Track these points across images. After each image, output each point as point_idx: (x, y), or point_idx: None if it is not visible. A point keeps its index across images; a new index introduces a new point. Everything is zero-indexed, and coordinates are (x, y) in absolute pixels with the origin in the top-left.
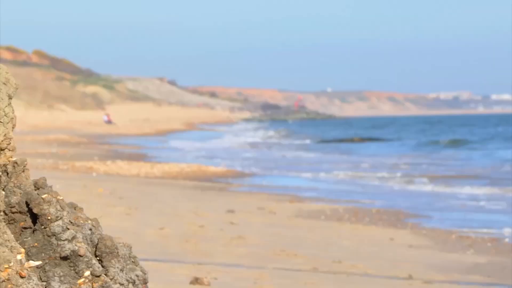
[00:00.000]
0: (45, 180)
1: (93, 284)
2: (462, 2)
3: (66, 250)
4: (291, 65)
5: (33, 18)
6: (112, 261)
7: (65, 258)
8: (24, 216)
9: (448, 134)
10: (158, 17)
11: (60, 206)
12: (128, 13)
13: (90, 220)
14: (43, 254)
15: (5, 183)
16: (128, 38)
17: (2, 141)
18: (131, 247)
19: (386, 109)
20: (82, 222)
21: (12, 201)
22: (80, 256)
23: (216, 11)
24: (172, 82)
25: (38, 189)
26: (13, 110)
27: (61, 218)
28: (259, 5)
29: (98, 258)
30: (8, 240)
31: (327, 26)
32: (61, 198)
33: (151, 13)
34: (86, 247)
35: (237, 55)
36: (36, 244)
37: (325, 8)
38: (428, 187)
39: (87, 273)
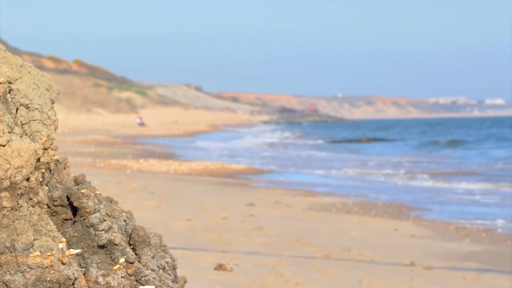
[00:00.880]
0: (84, 176)
1: (127, 270)
2: (457, 17)
3: (103, 240)
4: (305, 73)
5: (73, 30)
6: (145, 249)
7: (102, 247)
8: (65, 209)
9: (446, 135)
10: (186, 29)
11: (98, 200)
12: (158, 26)
13: (125, 212)
14: (82, 243)
15: (48, 179)
16: (159, 48)
17: (45, 141)
18: (161, 237)
19: (391, 113)
20: (117, 214)
21: (54, 195)
22: (116, 244)
23: (238, 23)
24: (198, 88)
25: (78, 184)
26: (55, 113)
27: (98, 210)
28: (276, 19)
29: (131, 246)
30: (51, 231)
31: (337, 37)
32: (98, 192)
33: (180, 25)
34: (121, 237)
35: (257, 64)
36: (76, 234)
37: (335, 21)
38: (429, 183)
39: (121, 260)
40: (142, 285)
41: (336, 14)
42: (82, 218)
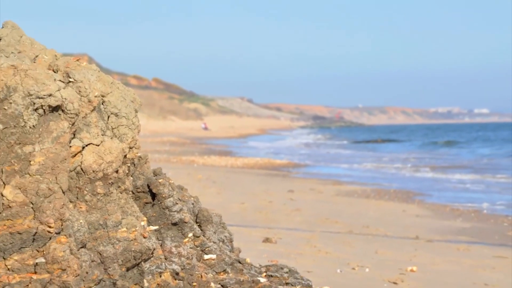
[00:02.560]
0: (161, 169)
1: (194, 242)
2: (452, 43)
3: (175, 218)
4: (334, 88)
5: (153, 54)
6: (208, 226)
7: (174, 224)
8: (146, 195)
9: (443, 137)
10: (240, 51)
11: (171, 187)
12: (218, 50)
13: (192, 197)
14: (159, 221)
15: (133, 171)
16: (219, 68)
17: (130, 142)
18: (221, 216)
19: (400, 119)
20: (186, 198)
21: (137, 184)
22: (185, 222)
23: (282, 50)
24: (249, 100)
25: (156, 175)
26: (138, 120)
27: (172, 196)
28: (311, 46)
29: (198, 224)
30: (135, 211)
31: (358, 60)
32: (172, 182)
33: (235, 49)
34: (190, 216)
35: (296, 81)
36: (154, 214)
37: (356, 48)
38: (430, 174)
39: (190, 234)
40: (206, 254)
41: (357, 43)
42: (159, 202)
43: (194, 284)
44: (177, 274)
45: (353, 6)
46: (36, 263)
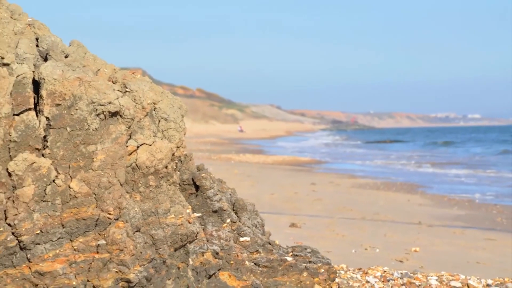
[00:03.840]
0: (203, 165)
1: (232, 227)
2: (450, 56)
3: (215, 207)
4: (349, 96)
5: (196, 68)
6: (243, 213)
7: (215, 212)
8: (190, 187)
9: (442, 138)
10: (270, 65)
11: (212, 180)
12: (251, 63)
13: (230, 189)
14: (202, 209)
15: (180, 167)
16: (253, 79)
17: (177, 142)
18: (254, 205)
19: (405, 123)
20: (225, 190)
21: (184, 177)
22: (224, 210)
23: (307, 62)
24: (278, 107)
25: (199, 170)
26: (184, 124)
27: (212, 187)
28: (329, 60)
29: (234, 211)
30: (181, 201)
31: (369, 72)
32: (212, 176)
33: (266, 63)
34: (228, 205)
35: (317, 90)
36: (197, 203)
37: (365, 61)
38: (430, 170)
39: (228, 220)
40: (242, 237)
41: (369, 58)
42: (202, 193)
43: (232, 262)
44: (217, 253)
45: (366, 26)
46: (98, 244)
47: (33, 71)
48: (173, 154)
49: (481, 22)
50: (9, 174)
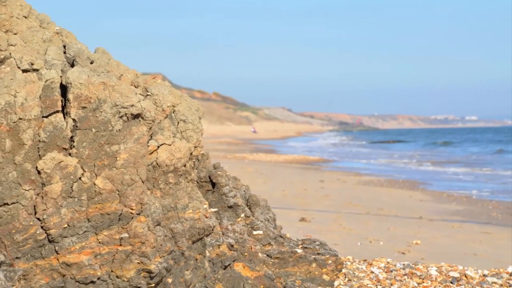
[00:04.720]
0: (219, 164)
1: (246, 221)
2: (449, 62)
3: (230, 202)
4: (355, 99)
5: (213, 73)
6: (256, 208)
7: (230, 207)
8: (207, 184)
9: (441, 138)
10: (281, 71)
11: (227, 178)
12: (264, 68)
13: (244, 186)
14: (218, 205)
15: (197, 165)
16: (266, 83)
17: (195, 142)
18: (266, 201)
19: (407, 125)
20: (239, 187)
21: (201, 175)
22: (239, 205)
23: (315, 68)
24: (289, 110)
25: (215, 168)
26: (201, 125)
27: (228, 184)
28: (336, 66)
29: (248, 206)
30: (199, 197)
31: (374, 77)
32: (228, 173)
33: (277, 69)
34: (242, 201)
35: (325, 94)
36: (214, 199)
37: (370, 67)
38: (431, 168)
39: (242, 215)
40: (255, 230)
41: (373, 64)
42: (218, 189)
43: (245, 254)
44: (232, 246)
45: (372, 36)
46: (121, 237)
47: (61, 76)
48: (191, 154)
49: (478, 33)
50: (39, 172)
